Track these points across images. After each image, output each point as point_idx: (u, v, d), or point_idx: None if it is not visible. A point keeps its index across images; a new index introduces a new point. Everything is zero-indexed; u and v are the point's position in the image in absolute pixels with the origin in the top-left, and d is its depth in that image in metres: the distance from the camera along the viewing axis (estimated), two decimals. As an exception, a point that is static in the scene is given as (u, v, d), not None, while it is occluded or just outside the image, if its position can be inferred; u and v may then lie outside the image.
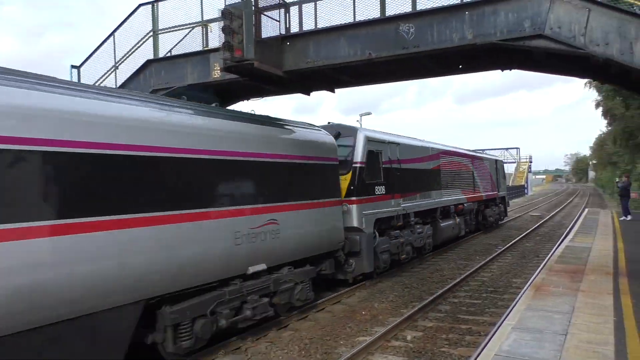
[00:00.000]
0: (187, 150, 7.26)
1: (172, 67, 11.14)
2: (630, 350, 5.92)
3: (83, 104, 6.14)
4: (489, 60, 10.31)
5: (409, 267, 15.29)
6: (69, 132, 5.78)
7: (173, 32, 11.31)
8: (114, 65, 11.76)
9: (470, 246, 19.78)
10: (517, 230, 25.00)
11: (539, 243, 20.63)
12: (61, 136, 5.68)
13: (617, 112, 37.69)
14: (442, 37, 8.64)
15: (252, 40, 8.83)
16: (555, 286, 9.15)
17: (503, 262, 16.12)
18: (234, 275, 8.09)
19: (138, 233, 6.34)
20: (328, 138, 11.41)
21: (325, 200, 10.70)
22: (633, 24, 7.53)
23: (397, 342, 8.51)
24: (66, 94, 6.06)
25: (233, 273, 8.06)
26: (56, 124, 5.67)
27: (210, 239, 7.50)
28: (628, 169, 41.81)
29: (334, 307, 10.81)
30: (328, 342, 8.56)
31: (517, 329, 6.71)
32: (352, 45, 9.28)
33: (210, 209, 7.55)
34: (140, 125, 6.67)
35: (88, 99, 6.28)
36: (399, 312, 10.31)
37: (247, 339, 8.55)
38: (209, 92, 10.09)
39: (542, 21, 8.00)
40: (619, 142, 44.52)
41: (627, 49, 7.56)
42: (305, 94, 12.23)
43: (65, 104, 5.93)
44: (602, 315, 7.30)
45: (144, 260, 6.42)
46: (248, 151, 8.49)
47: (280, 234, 9.05)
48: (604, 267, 10.98)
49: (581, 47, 7.82)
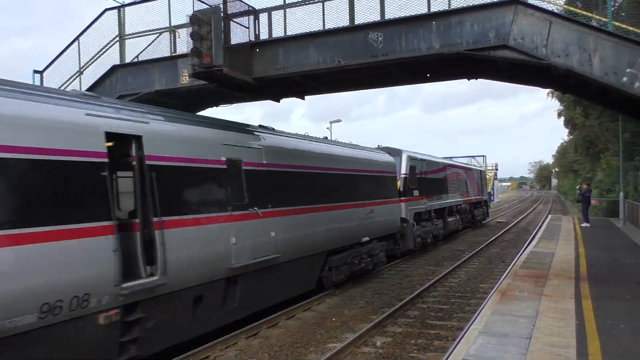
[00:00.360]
0: (341, 169, 13.14)
1: (140, 73, 10.95)
2: (591, 352, 6.10)
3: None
4: (456, 69, 10.53)
5: (379, 273, 15.40)
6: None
7: (140, 37, 11.14)
8: (78, 70, 11.49)
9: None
10: (484, 237, 25.50)
11: (504, 249, 21.08)
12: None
13: (578, 122, 38.96)
14: (410, 46, 8.77)
15: (221, 46, 8.77)
16: (520, 291, 9.36)
17: (470, 268, 16.40)
18: (355, 242, 13.42)
19: (321, 215, 11.75)
20: (389, 158, 16.94)
21: (391, 199, 16.10)
22: (591, 36, 7.80)
23: (367, 348, 8.54)
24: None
25: (355, 241, 13.43)
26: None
27: (351, 219, 13.22)
28: (589, 177, 43.19)
29: (304, 314, 10.78)
30: (298, 349, 8.52)
31: (484, 333, 6.83)
32: (321, 53, 9.33)
33: (350, 202, 13.22)
34: (313, 155, 12.07)
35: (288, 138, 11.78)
36: (369, 318, 10.35)
37: (216, 348, 8.43)
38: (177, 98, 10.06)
39: (506, 32, 8.21)
40: (579, 150, 46.03)
41: (586, 61, 7.83)
42: (275, 101, 12.24)
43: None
44: (564, 319, 7.49)
45: (325, 230, 11.89)
46: (359, 168, 14.21)
47: (374, 219, 14.54)
48: (566, 272, 11.29)
49: (543, 57, 8.06)
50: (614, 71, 7.64)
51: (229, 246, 8.58)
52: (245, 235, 9.00)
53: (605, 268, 11.99)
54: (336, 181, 12.70)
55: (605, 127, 31.76)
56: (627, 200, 25.15)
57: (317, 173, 11.82)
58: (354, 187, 13.65)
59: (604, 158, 35.55)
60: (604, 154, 36.38)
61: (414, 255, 18.67)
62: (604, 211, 31.64)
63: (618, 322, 7.34)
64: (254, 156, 9.61)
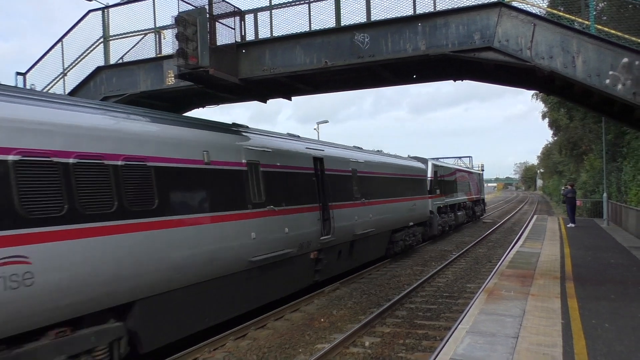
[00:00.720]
0: (391, 174, 18.23)
1: (124, 74, 10.85)
2: (577, 351, 6.16)
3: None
4: (442, 70, 10.59)
5: (367, 273, 15.42)
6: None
7: (125, 38, 11.04)
8: (62, 72, 11.35)
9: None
10: (471, 237, 25.67)
11: (491, 249, 21.23)
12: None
13: (562, 123, 39.39)
14: (396, 47, 8.81)
15: (207, 47, 8.73)
16: (507, 291, 9.42)
17: (457, 268, 16.49)
18: (405, 226, 18.93)
19: (389, 205, 17.16)
20: (422, 165, 23.25)
21: (424, 196, 22.05)
22: (575, 39, 7.89)
23: (356, 348, 8.54)
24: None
25: (405, 224, 18.97)
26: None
27: (405, 210, 19.02)
28: (573, 178, 43.68)
29: (292, 315, 10.75)
30: (287, 350, 8.49)
31: (471, 333, 6.86)
32: (308, 54, 9.32)
33: (403, 197, 18.70)
34: (386, 165, 18.25)
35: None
36: (357, 318, 10.35)
37: (204, 349, 8.37)
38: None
39: (490, 34, 8.28)
40: (564, 151, 46.52)
41: (569, 63, 7.91)
42: (262, 102, 12.20)
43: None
44: (550, 318, 7.56)
45: (392, 215, 17.45)
46: (407, 173, 20.32)
47: (415, 210, 20.28)
48: (552, 272, 11.40)
49: (527, 59, 8.13)
50: (597, 73, 7.74)
51: (355, 222, 14.34)
52: (364, 215, 14.97)
53: (590, 268, 12.13)
54: (394, 183, 18.46)
55: (588, 128, 32.17)
56: (611, 201, 25.48)
57: (387, 177, 17.84)
58: (405, 187, 19.41)
59: (587, 159, 36.00)
60: (587, 155, 36.85)
61: (435, 240, 24.32)
62: (588, 212, 32.01)
63: (603, 322, 7.42)
64: (363, 167, 15.67)
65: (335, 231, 12.81)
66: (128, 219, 6.83)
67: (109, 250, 6.49)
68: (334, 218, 12.82)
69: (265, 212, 10.05)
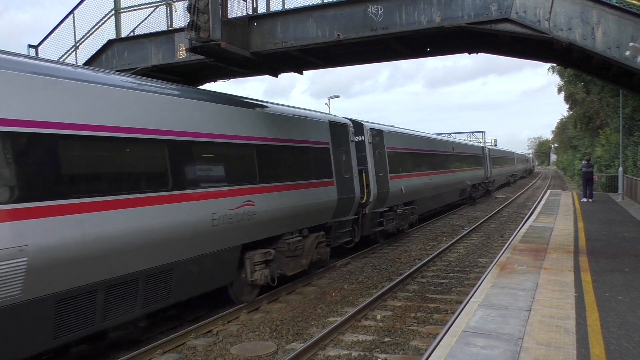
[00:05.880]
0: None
1: (136, 48, 10.80)
2: (590, 323, 6.17)
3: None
4: (457, 43, 10.39)
5: (378, 248, 15.49)
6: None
7: (136, 10, 10.95)
8: (74, 45, 11.33)
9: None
10: (483, 212, 25.59)
11: (503, 224, 21.17)
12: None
13: (579, 97, 38.71)
14: (410, 19, 8.63)
15: (218, 20, 8.63)
16: (520, 264, 9.42)
17: (469, 243, 16.50)
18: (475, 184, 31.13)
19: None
20: (481, 145, 38.61)
21: (482, 167, 34.73)
22: (595, 9, 7.67)
23: (368, 321, 8.64)
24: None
25: (476, 182, 32.26)
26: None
27: (476, 174, 31.70)
28: (588, 152, 43.11)
29: (304, 289, 10.87)
30: (299, 323, 8.61)
31: (484, 306, 6.89)
32: (320, 26, 9.18)
33: (473, 167, 31.19)
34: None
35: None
36: (369, 292, 10.44)
37: (218, 322, 8.53)
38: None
39: (508, 5, 8.07)
40: (579, 126, 45.84)
41: (589, 34, 7.72)
42: (273, 76, 12.10)
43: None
44: (563, 292, 7.56)
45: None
46: (472, 152, 32.05)
47: (477, 175, 32.30)
48: (565, 246, 11.36)
49: (545, 31, 7.94)
50: (617, 45, 7.54)
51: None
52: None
53: (604, 242, 12.05)
54: (464, 158, 26.50)
55: (606, 102, 31.57)
56: (626, 175, 25.17)
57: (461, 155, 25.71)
58: (475, 161, 30.37)
59: (602, 134, 35.45)
60: (603, 129, 36.26)
61: (464, 206, 29.66)
62: (603, 186, 31.68)
63: (616, 294, 7.41)
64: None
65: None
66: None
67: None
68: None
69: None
